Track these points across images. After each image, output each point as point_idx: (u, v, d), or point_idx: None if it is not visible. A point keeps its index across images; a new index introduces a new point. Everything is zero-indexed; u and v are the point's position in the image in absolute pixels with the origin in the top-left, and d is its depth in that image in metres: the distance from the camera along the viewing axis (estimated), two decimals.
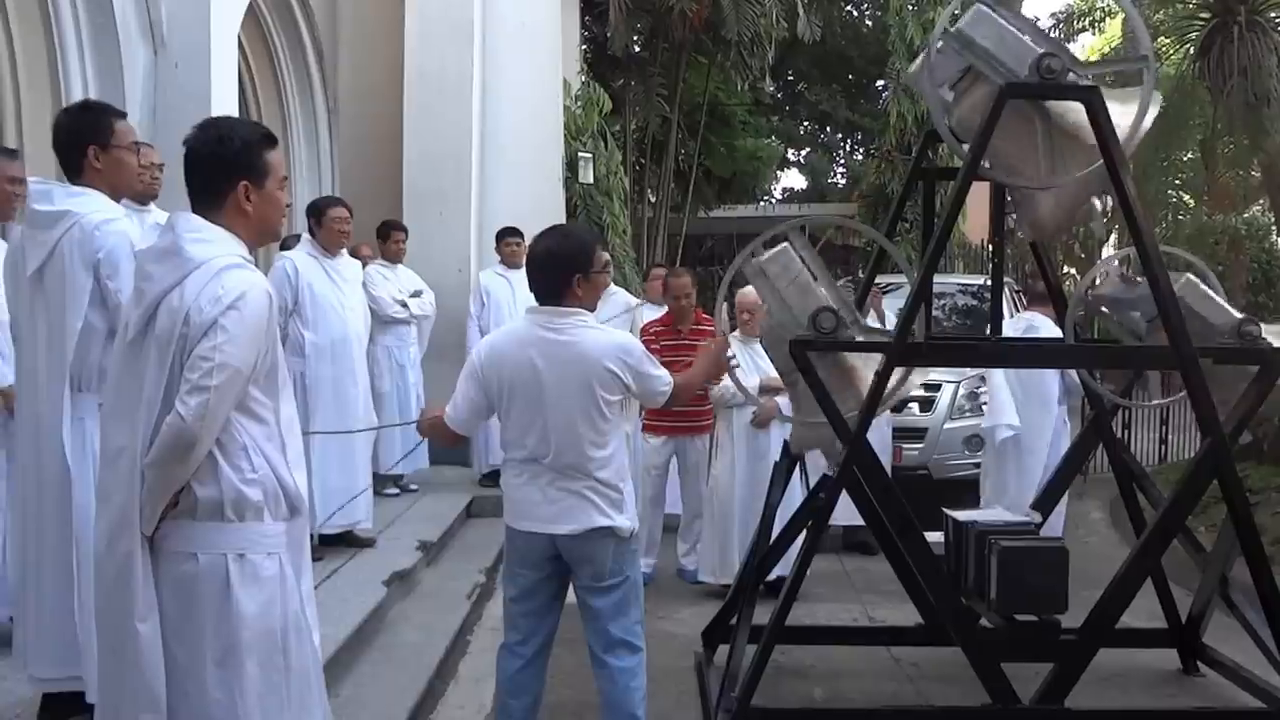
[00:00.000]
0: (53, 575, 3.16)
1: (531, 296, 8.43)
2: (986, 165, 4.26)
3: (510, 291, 7.97)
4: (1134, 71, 4.31)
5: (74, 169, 3.20)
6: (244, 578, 2.35)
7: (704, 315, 6.52)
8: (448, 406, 3.52)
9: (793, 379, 4.24)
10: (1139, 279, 4.62)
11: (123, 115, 3.31)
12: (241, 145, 2.46)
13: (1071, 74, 3.92)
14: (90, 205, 3.14)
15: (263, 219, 2.48)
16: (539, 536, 3.41)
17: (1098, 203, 4.18)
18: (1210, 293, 4.58)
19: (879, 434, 6.72)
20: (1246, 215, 9.51)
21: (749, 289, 6.06)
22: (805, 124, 24.93)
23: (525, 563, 3.48)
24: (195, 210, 2.42)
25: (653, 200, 17.18)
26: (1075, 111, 3.95)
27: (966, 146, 4.04)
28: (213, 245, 2.37)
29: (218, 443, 2.32)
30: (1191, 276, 4.65)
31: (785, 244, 4.26)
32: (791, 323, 4.10)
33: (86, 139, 3.18)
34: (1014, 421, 6.27)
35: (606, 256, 3.72)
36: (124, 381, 2.39)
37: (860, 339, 4.16)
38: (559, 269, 3.40)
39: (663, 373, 3.46)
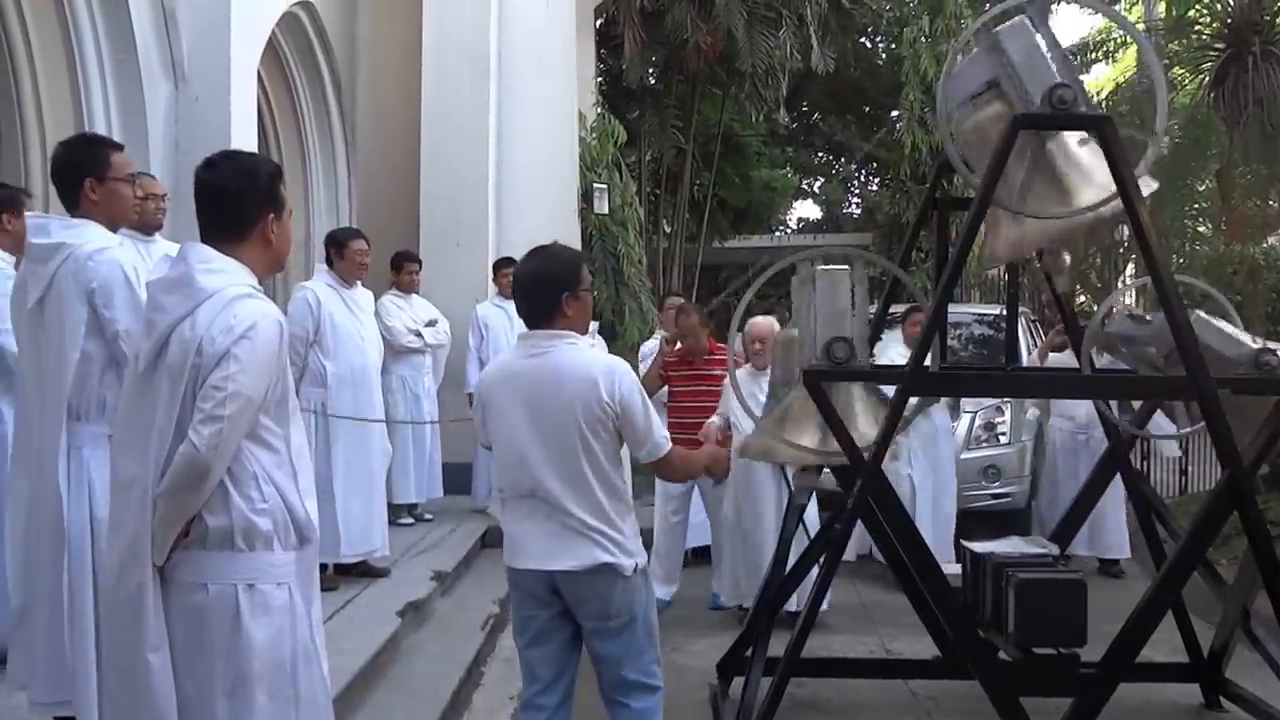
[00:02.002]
0: (48, 602, 3.18)
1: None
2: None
3: (507, 321, 7.96)
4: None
5: (71, 201, 3.24)
6: (254, 608, 2.35)
7: (717, 345, 6.55)
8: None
9: (780, 392, 4.26)
10: (1149, 316, 4.63)
11: (120, 148, 3.34)
12: (267, 178, 2.52)
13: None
14: (85, 236, 3.17)
15: (280, 250, 2.53)
16: (539, 574, 3.24)
17: (1067, 257, 4.21)
18: (1222, 325, 4.54)
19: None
20: (1264, 245, 9.47)
21: (761, 319, 6.12)
22: (820, 155, 25.00)
23: (534, 602, 3.29)
24: (213, 242, 2.44)
25: (668, 230, 17.23)
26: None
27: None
28: (224, 275, 2.39)
29: (228, 472, 2.33)
30: (1200, 313, 4.62)
31: (848, 268, 4.22)
32: (809, 343, 4.09)
33: (83, 171, 3.20)
34: None
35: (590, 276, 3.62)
36: (134, 412, 2.40)
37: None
38: (546, 289, 3.25)
39: (655, 421, 3.28)
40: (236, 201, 2.45)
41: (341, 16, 9.11)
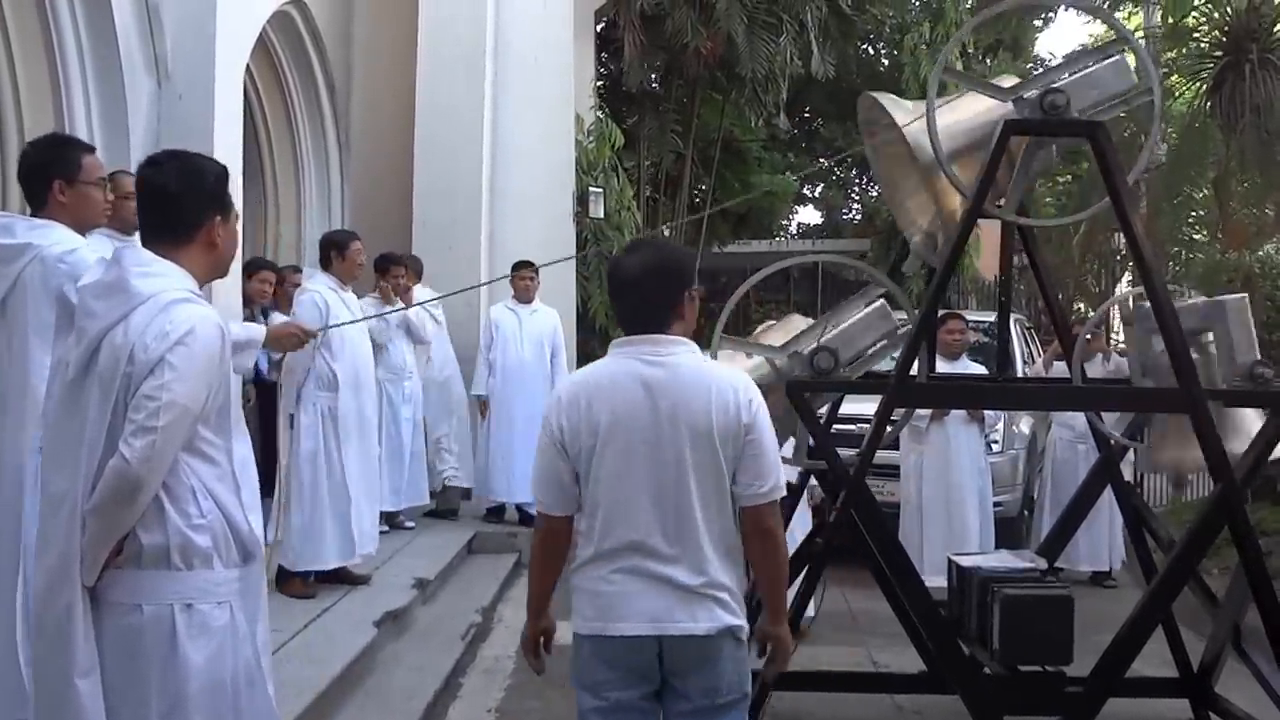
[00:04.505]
0: (2, 615, 3.10)
1: (539, 331, 8.35)
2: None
3: (518, 325, 7.97)
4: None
5: (38, 201, 3.18)
6: (191, 629, 2.24)
7: None
8: (534, 491, 2.71)
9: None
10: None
11: (91, 150, 3.29)
12: (214, 179, 2.43)
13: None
14: (51, 237, 3.11)
15: (224, 254, 2.45)
16: (644, 641, 2.57)
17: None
18: (1250, 324, 4.44)
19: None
20: (1260, 253, 9.40)
21: None
22: (821, 160, 24.96)
23: (627, 680, 2.59)
24: (155, 245, 2.35)
25: (667, 235, 17.17)
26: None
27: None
28: (161, 279, 2.29)
29: (164, 486, 2.22)
30: (1245, 297, 4.51)
31: (897, 320, 4.20)
32: (810, 338, 4.05)
33: (52, 172, 3.15)
34: None
35: None
36: (64, 423, 2.29)
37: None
38: (668, 285, 2.66)
39: (780, 463, 2.67)
40: (181, 202, 2.36)
41: (335, 16, 9.04)
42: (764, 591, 2.70)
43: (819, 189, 26.45)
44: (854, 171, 24.89)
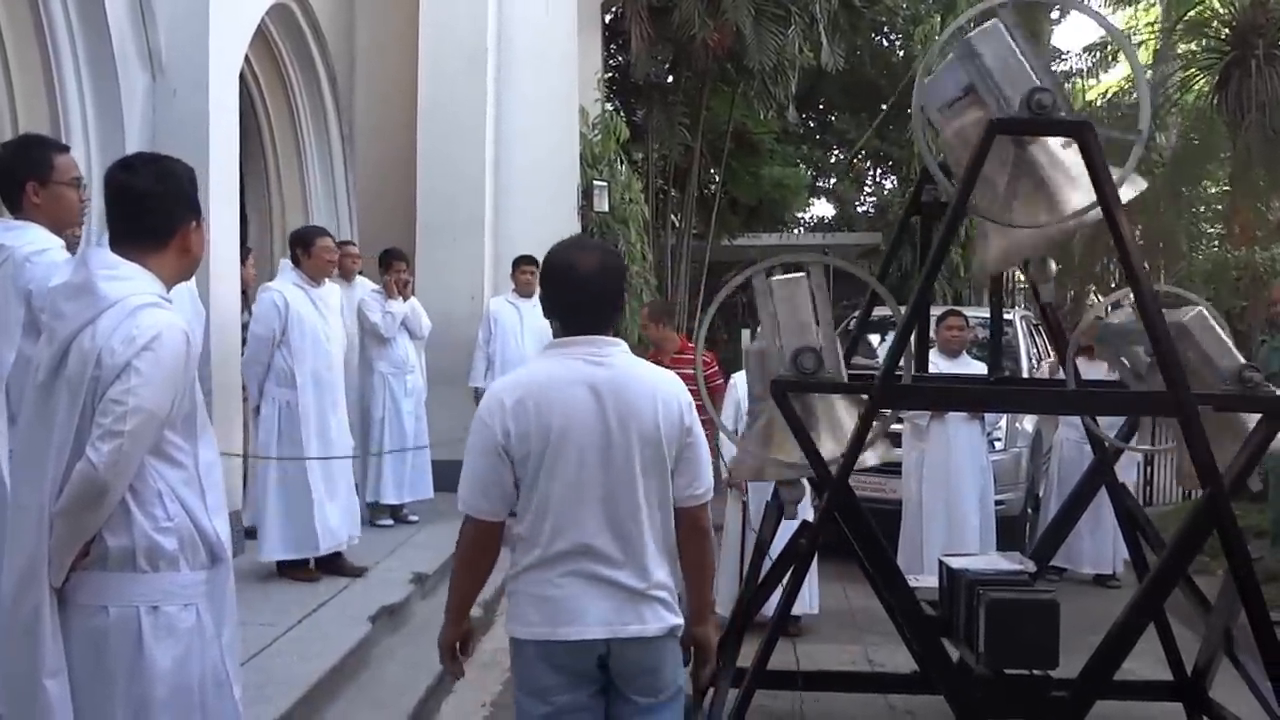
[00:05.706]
0: None
1: (540, 325, 8.43)
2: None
3: (519, 320, 7.98)
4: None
5: (13, 203, 3.19)
6: (157, 631, 2.26)
7: (687, 344, 6.48)
8: (465, 496, 2.63)
9: (759, 408, 4.15)
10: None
11: (65, 149, 3.28)
12: (190, 183, 2.45)
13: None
14: (25, 238, 3.11)
15: (196, 257, 2.46)
16: (594, 645, 2.55)
17: (1053, 264, 4.10)
18: (1219, 329, 4.42)
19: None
20: (1268, 252, 9.28)
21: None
22: (835, 152, 24.83)
23: (572, 684, 2.58)
24: (126, 247, 2.36)
25: (677, 226, 17.12)
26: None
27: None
28: (128, 283, 2.30)
29: (130, 489, 2.24)
30: (1204, 310, 4.48)
31: (804, 275, 4.08)
32: (776, 355, 4.01)
33: (25, 173, 3.15)
34: None
35: None
36: (34, 426, 2.31)
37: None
38: (616, 287, 2.65)
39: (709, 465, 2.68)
40: (160, 207, 2.37)
41: (337, 10, 9.04)
42: (692, 592, 2.71)
43: (832, 182, 26.33)
44: (868, 164, 24.75)
